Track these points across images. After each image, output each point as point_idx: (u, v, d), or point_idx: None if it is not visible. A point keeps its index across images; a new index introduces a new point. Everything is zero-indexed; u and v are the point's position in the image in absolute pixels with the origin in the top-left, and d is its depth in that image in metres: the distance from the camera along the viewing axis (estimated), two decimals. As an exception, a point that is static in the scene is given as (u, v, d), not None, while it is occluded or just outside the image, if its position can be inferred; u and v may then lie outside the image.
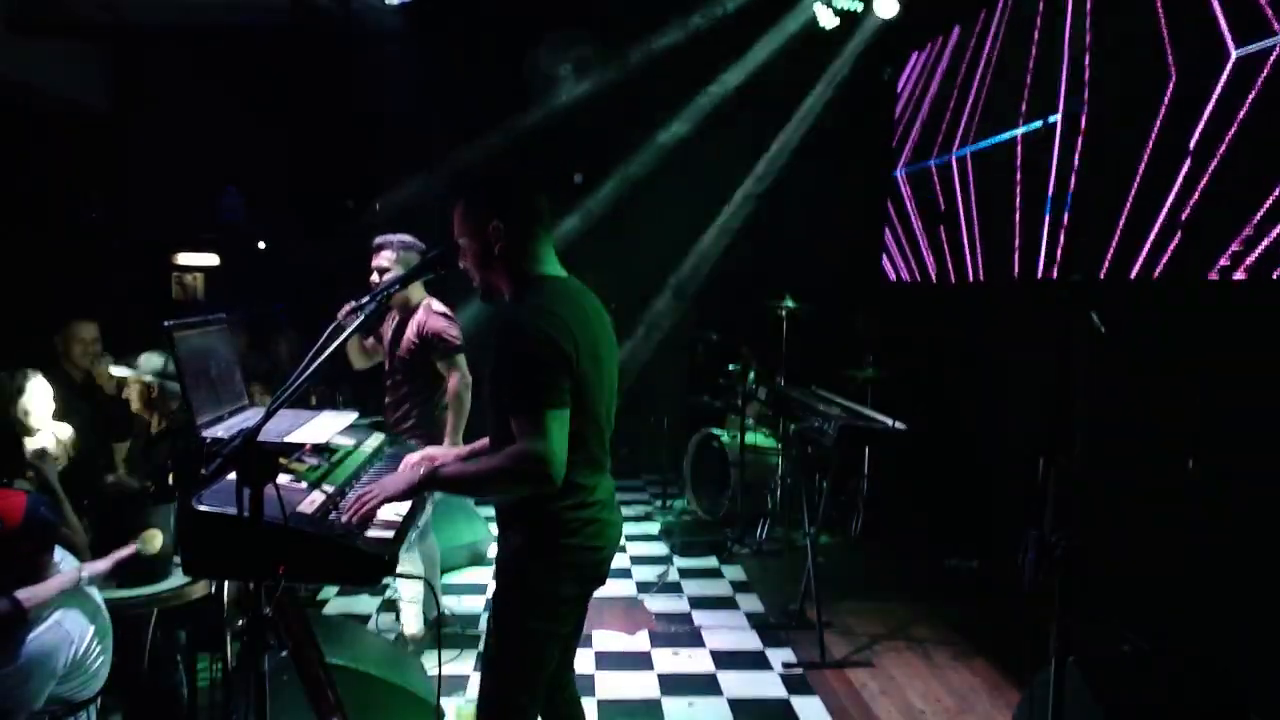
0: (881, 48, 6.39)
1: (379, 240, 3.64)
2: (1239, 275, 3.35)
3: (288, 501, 1.93)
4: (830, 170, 6.84)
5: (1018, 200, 4.86)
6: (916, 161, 6.17)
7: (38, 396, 3.19)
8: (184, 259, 7.56)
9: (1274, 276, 3.20)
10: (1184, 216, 3.61)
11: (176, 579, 3.01)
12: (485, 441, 2.29)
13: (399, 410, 3.70)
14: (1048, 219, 4.59)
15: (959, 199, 5.56)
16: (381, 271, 3.56)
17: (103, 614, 2.51)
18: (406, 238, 3.65)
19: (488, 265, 2.12)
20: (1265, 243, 3.23)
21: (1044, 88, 4.63)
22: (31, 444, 3.08)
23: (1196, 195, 3.55)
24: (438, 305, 3.68)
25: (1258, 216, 3.25)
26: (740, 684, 3.70)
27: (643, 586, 4.84)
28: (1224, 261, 3.41)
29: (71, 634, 2.33)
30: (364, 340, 3.84)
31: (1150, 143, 3.79)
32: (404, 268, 3.46)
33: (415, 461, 2.38)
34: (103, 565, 2.60)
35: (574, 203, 6.96)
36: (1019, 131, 4.87)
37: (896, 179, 6.52)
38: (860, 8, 6.07)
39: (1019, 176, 4.86)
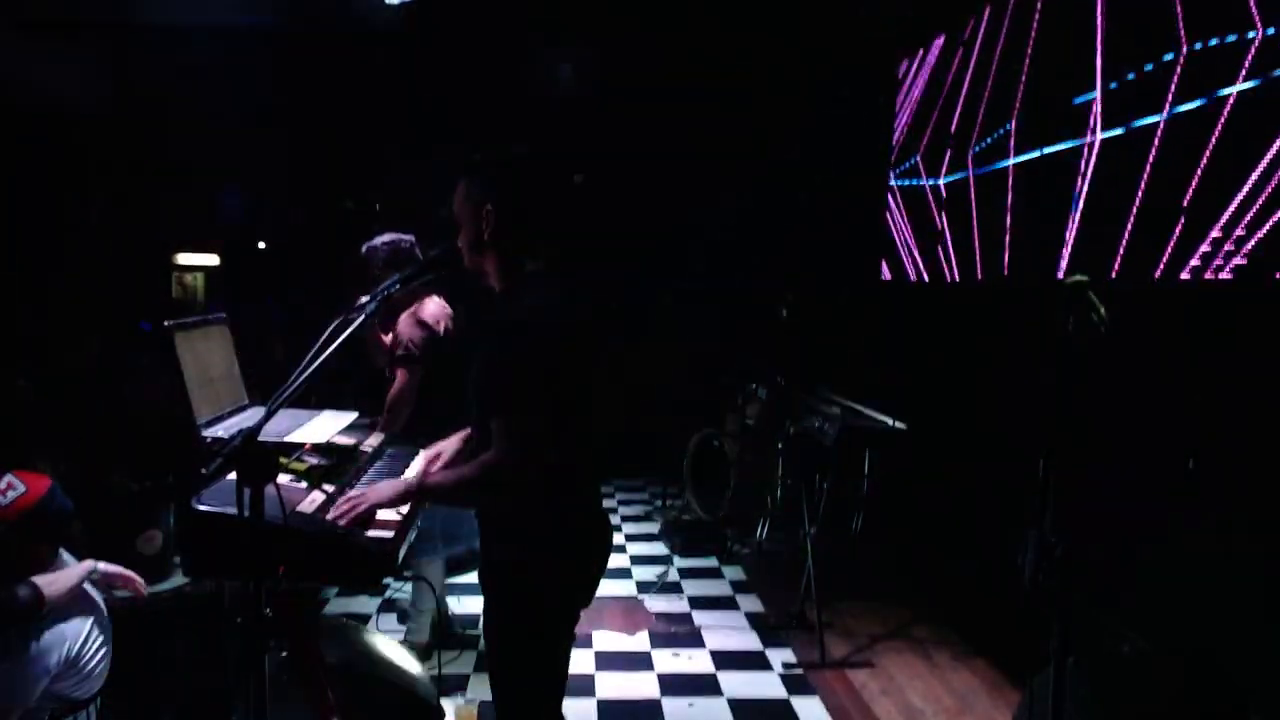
0: (883, 44, 6.40)
1: (366, 250, 3.62)
2: (1225, 275, 3.36)
3: (288, 501, 1.93)
4: (830, 168, 6.84)
5: (1015, 199, 4.86)
6: (917, 159, 6.17)
7: None
8: (184, 259, 7.57)
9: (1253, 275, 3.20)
10: (1182, 216, 3.61)
11: (177, 579, 3.01)
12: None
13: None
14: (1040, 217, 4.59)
15: (959, 198, 5.56)
16: (375, 279, 3.53)
17: (102, 613, 2.49)
18: (390, 237, 3.62)
19: (477, 250, 2.07)
20: (1249, 245, 3.24)
21: (1049, 82, 4.62)
22: None
23: (1193, 192, 3.55)
24: (425, 311, 3.62)
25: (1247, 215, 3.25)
26: (740, 684, 3.70)
27: (643, 586, 4.84)
28: (1218, 260, 3.41)
29: (66, 632, 2.31)
30: (382, 337, 3.84)
31: (1155, 140, 3.79)
32: (395, 269, 3.44)
33: (431, 456, 2.37)
34: (114, 569, 2.50)
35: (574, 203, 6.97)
36: (1015, 157, 4.87)
37: (896, 176, 6.52)
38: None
39: (1019, 175, 4.86)
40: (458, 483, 2.01)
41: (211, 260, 7.59)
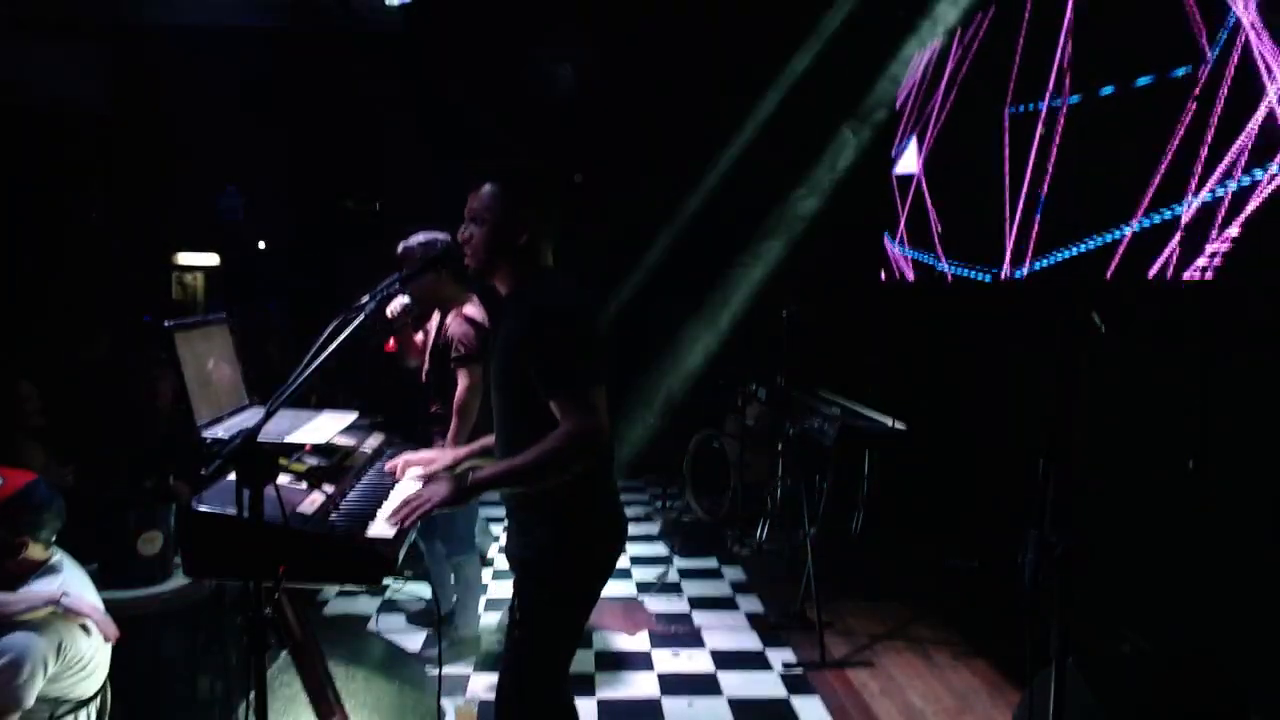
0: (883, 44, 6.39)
1: (402, 250, 3.59)
2: (1209, 275, 3.37)
3: (288, 501, 1.93)
4: (829, 167, 6.83)
5: (1014, 198, 4.86)
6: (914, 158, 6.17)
7: None
8: (184, 259, 7.57)
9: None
10: (1185, 216, 3.61)
11: (177, 579, 3.01)
12: (488, 440, 2.28)
13: (429, 408, 3.68)
14: (1037, 216, 4.59)
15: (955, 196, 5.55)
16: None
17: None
18: (423, 238, 3.59)
19: (502, 251, 2.11)
20: (1231, 246, 3.25)
21: (1042, 77, 4.62)
22: None
23: (1193, 194, 3.55)
24: (470, 309, 3.58)
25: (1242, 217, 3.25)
26: (740, 684, 3.69)
27: (643, 586, 4.83)
28: (1204, 261, 3.42)
29: (62, 632, 2.31)
30: (414, 337, 3.82)
31: (1153, 139, 3.79)
32: None
33: (405, 462, 2.38)
34: (84, 606, 2.38)
35: (574, 203, 6.97)
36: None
37: (896, 176, 6.52)
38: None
39: (1018, 174, 4.86)
40: (532, 463, 1.96)
41: (211, 260, 7.59)
